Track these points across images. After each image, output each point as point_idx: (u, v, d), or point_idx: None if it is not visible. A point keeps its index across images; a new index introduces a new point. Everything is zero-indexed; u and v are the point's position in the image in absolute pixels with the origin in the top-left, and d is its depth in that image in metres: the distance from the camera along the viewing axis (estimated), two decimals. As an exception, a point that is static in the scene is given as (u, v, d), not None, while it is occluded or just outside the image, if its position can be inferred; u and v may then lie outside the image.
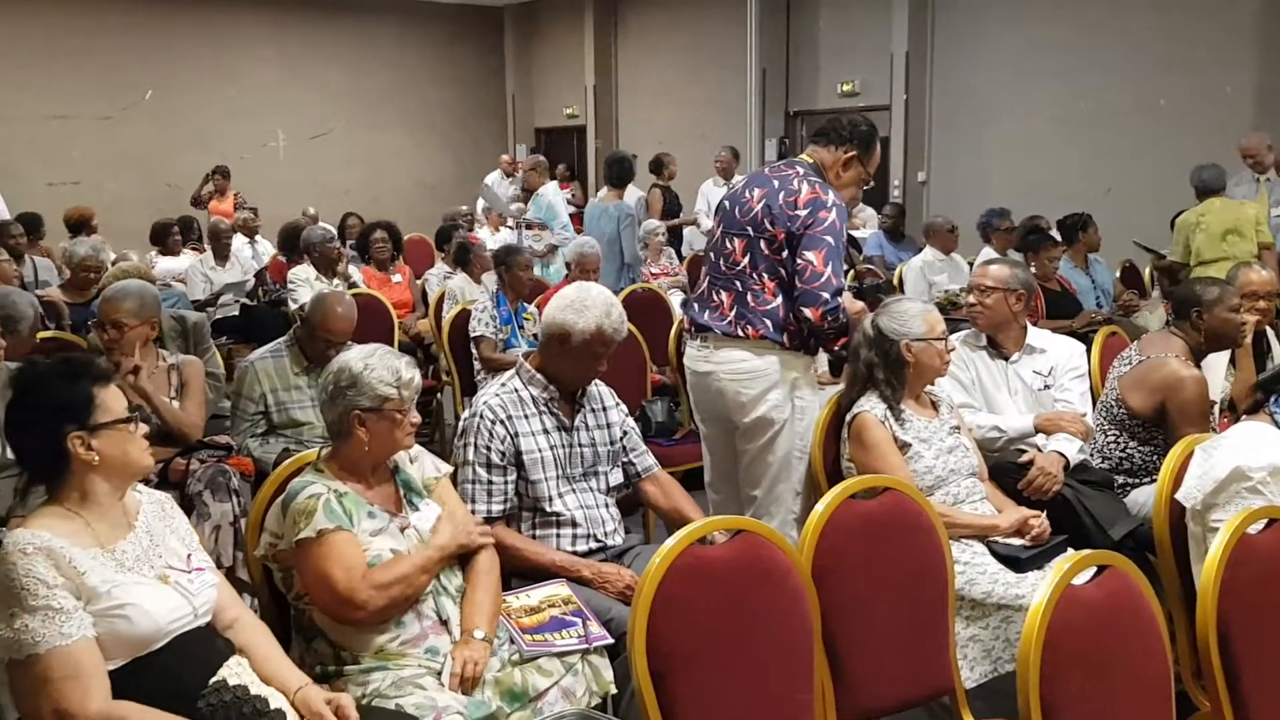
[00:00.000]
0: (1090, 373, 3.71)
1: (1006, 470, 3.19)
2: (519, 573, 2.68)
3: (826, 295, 3.15)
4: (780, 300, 3.24)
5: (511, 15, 14.76)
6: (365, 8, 13.65)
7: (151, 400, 3.40)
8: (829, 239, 3.17)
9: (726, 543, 2.19)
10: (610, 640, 2.41)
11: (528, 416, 2.79)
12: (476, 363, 5.14)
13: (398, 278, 6.81)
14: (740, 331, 3.27)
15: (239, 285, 6.65)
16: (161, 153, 12.15)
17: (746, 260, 3.28)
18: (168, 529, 2.10)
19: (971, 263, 6.50)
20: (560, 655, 2.33)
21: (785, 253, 3.22)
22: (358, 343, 2.90)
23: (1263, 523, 2.32)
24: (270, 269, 7.15)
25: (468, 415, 2.81)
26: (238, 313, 6.20)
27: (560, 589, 2.55)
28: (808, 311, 3.17)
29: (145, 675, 1.91)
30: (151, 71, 12.29)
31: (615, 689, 2.37)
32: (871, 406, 2.96)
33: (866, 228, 8.66)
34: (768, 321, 3.24)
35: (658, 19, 12.98)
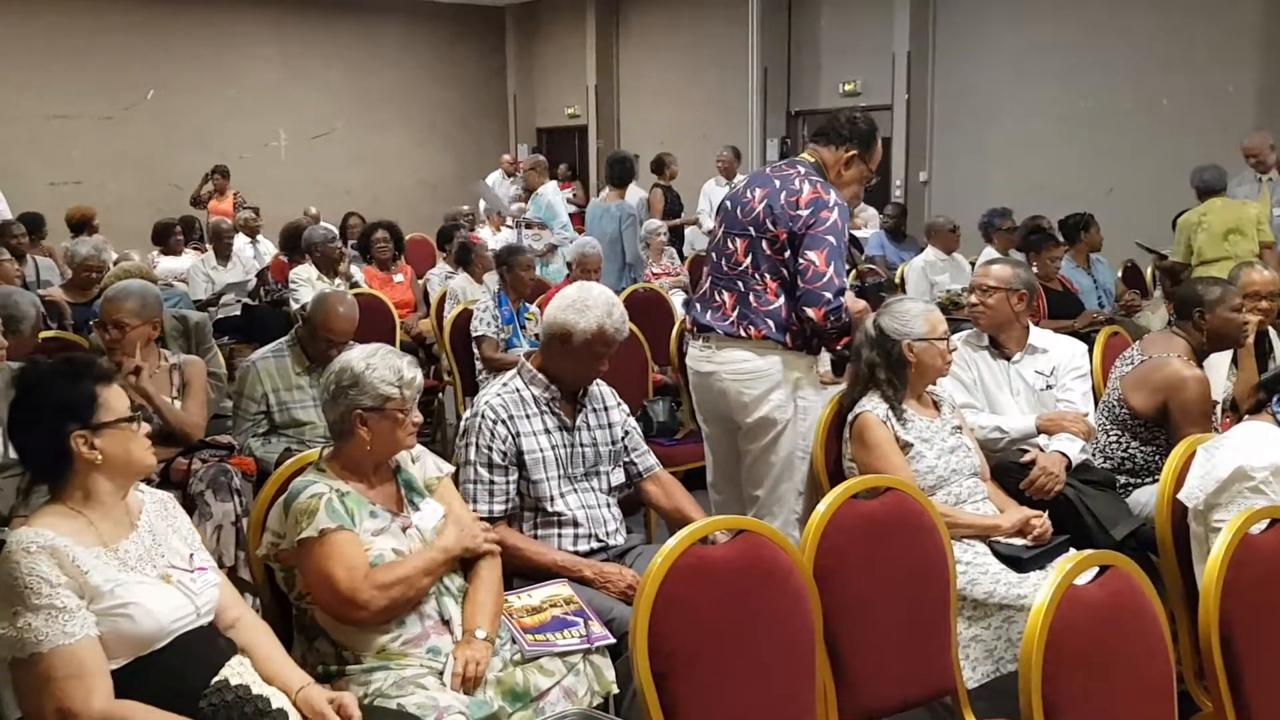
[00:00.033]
0: (1092, 373, 3.71)
1: (1008, 470, 3.18)
2: (521, 573, 2.68)
3: (829, 295, 3.14)
4: (782, 300, 3.24)
5: (513, 15, 14.76)
6: (367, 7, 13.65)
7: (153, 401, 3.40)
8: (831, 239, 3.17)
9: (728, 543, 2.19)
10: (612, 640, 2.41)
11: (529, 416, 2.79)
12: (478, 362, 5.14)
13: (399, 277, 6.82)
14: (742, 332, 3.27)
15: (241, 285, 6.65)
16: (163, 152, 12.16)
17: (748, 260, 3.28)
18: (170, 528, 2.10)
19: (973, 263, 6.49)
20: (562, 655, 2.33)
21: (787, 253, 3.22)
22: (359, 342, 2.90)
23: (1265, 523, 2.32)
24: (272, 269, 7.16)
25: (469, 415, 2.81)
26: (239, 312, 6.21)
27: (562, 589, 2.55)
28: (810, 311, 3.16)
29: (148, 675, 1.91)
30: (153, 71, 12.30)
31: (617, 689, 2.37)
32: (873, 406, 2.96)
33: (868, 227, 8.66)
34: (770, 322, 3.24)
35: (659, 19, 12.99)
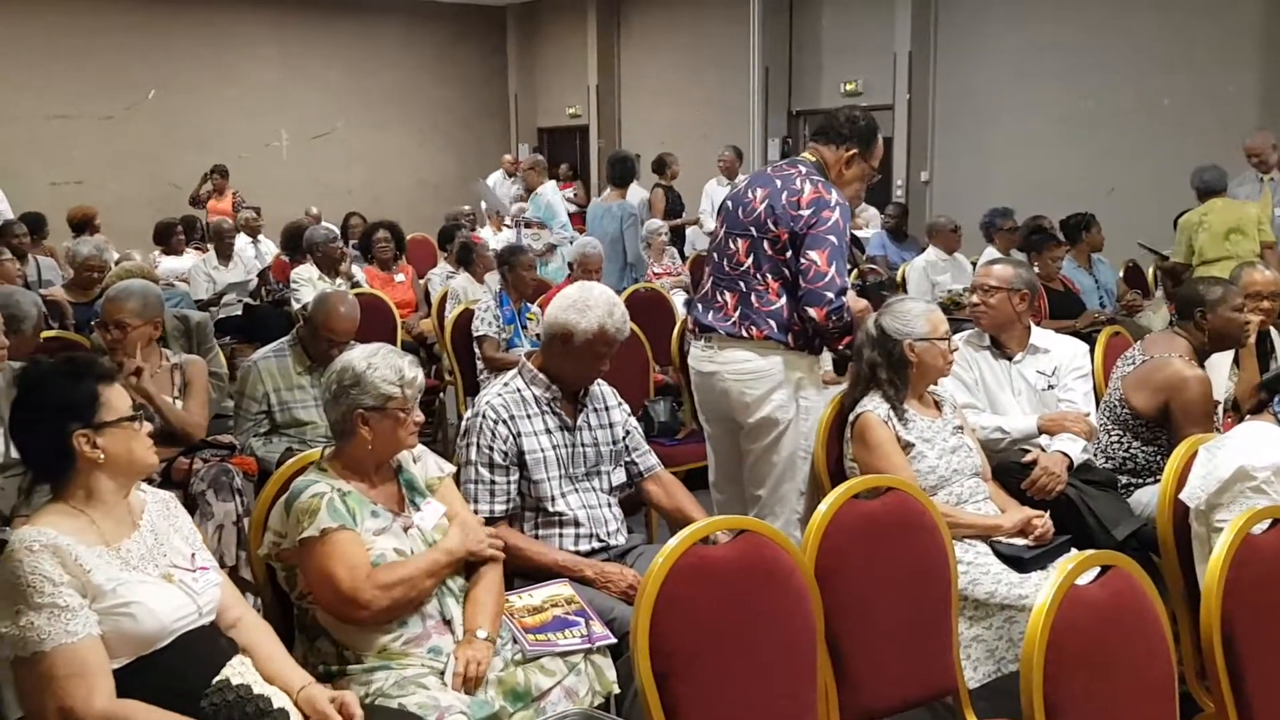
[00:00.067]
0: (1094, 373, 3.71)
1: (1010, 470, 3.18)
2: (522, 572, 2.68)
3: (830, 295, 3.14)
4: (784, 300, 3.24)
5: (514, 15, 14.76)
6: (367, 7, 13.65)
7: (154, 401, 3.41)
8: (832, 238, 3.17)
9: (729, 543, 2.19)
10: (613, 640, 2.41)
11: (530, 416, 2.79)
12: (479, 362, 5.15)
13: (400, 277, 6.82)
14: (744, 332, 3.27)
15: (242, 285, 6.65)
16: (164, 152, 12.16)
17: (750, 260, 3.28)
18: (172, 528, 2.10)
19: (974, 263, 6.48)
20: (563, 655, 2.33)
21: (789, 253, 3.21)
22: (360, 342, 2.90)
23: (1267, 523, 2.32)
24: (273, 269, 7.16)
25: (470, 415, 2.81)
26: (241, 312, 6.21)
27: (563, 589, 2.55)
28: (812, 311, 3.16)
29: (149, 674, 1.91)
30: (153, 71, 12.30)
31: (618, 689, 2.37)
32: (874, 406, 2.96)
33: (870, 227, 8.66)
34: (772, 322, 3.24)
35: (660, 18, 12.98)
